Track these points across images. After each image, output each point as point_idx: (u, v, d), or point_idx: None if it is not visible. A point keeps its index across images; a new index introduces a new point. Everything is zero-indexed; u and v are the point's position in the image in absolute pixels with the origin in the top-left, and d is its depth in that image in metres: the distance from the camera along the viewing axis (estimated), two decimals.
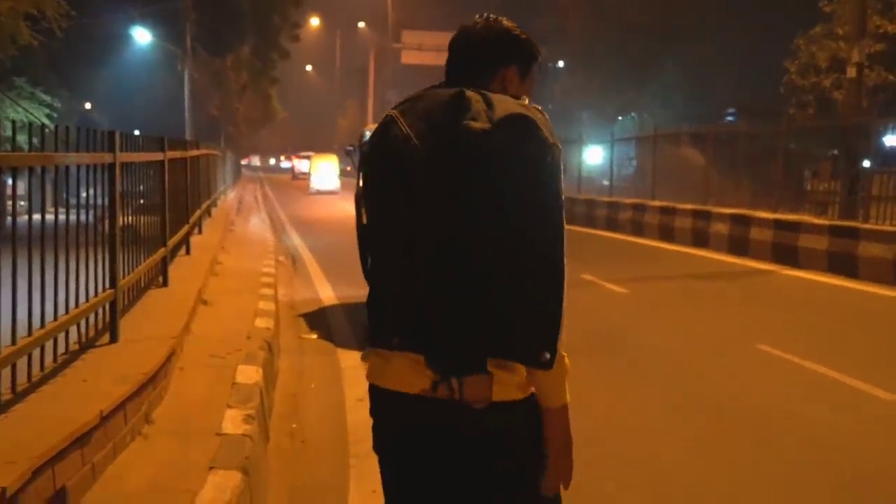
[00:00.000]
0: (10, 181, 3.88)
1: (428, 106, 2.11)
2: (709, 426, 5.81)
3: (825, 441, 5.53)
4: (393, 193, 2.08)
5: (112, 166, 5.14)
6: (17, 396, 3.90)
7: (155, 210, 7.09)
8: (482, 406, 2.02)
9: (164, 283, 7.31)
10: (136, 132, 27.58)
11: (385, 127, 2.13)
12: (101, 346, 5.13)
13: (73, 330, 4.77)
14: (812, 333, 8.83)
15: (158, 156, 7.05)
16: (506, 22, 2.35)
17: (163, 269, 7.24)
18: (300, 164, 56.10)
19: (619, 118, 40.62)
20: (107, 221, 5.24)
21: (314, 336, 8.55)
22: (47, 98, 20.74)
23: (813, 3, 24.96)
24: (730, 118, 32.70)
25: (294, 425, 5.76)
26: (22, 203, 5.00)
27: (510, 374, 2.07)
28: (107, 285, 5.16)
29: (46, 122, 19.85)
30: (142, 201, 6.69)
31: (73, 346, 4.92)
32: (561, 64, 46.94)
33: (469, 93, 2.05)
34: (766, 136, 16.65)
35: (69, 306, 4.63)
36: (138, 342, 5.25)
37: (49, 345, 4.35)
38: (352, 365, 7.28)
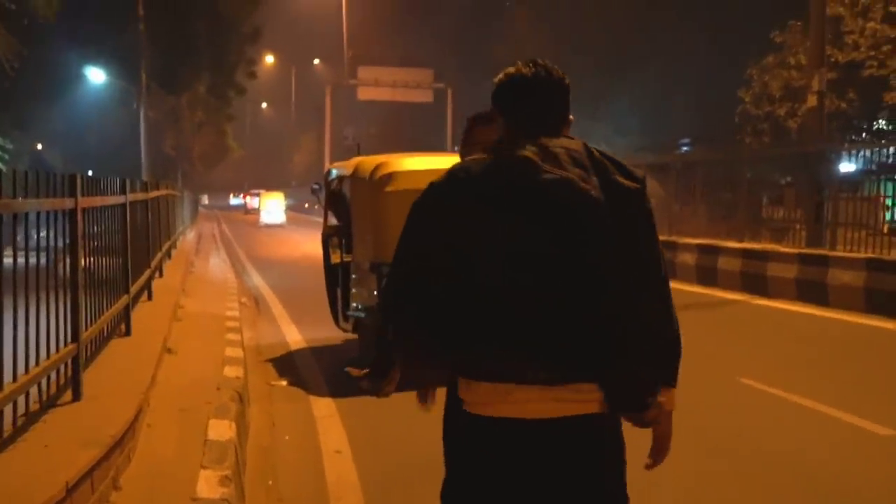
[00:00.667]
0: None
1: (561, 155, 2.35)
2: (700, 466, 5.57)
3: (823, 480, 5.33)
4: (544, 232, 2.27)
5: (73, 212, 4.82)
6: None
7: (116, 255, 6.73)
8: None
9: (128, 332, 6.94)
10: (90, 172, 26.96)
11: (523, 169, 2.31)
12: (63, 404, 4.78)
13: (33, 388, 4.42)
14: (793, 365, 8.69)
15: (120, 199, 6.71)
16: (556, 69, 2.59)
17: (125, 317, 6.87)
18: (252, 201, 60.24)
19: None
20: (68, 270, 4.90)
21: (284, 382, 8.21)
22: None
23: (764, 33, 25.34)
24: (685, 147, 32.98)
25: (270, 482, 5.43)
26: None
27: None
28: (69, 339, 4.81)
29: None
30: (99, 245, 6.34)
31: (34, 406, 4.56)
32: None
33: (592, 148, 2.42)
34: (725, 163, 16.65)
35: (29, 364, 4.29)
36: (103, 399, 4.90)
37: (8, 409, 4.00)
38: (326, 414, 6.97)
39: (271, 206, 44.02)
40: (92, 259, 5.68)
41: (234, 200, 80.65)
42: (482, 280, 2.30)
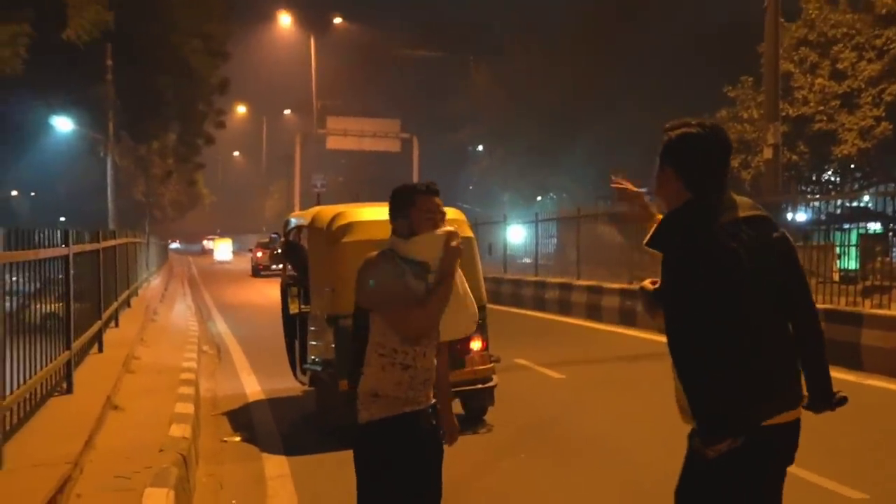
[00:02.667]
0: None
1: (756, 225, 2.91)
2: None
3: None
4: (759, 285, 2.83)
5: None
6: None
7: (56, 309, 6.19)
8: None
9: (69, 390, 6.38)
10: (62, 219, 26.29)
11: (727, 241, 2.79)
12: None
13: None
14: None
15: (61, 251, 6.19)
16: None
17: (67, 373, 6.31)
18: (208, 244, 72.78)
19: (539, 198, 40.77)
20: None
21: (237, 438, 7.65)
22: None
23: (717, 87, 25.44)
24: (647, 196, 32.89)
25: None
26: None
27: None
28: None
29: None
30: (34, 300, 5.81)
31: None
32: (480, 147, 47.22)
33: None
34: None
35: None
36: (25, 470, 4.37)
37: None
38: (278, 474, 6.44)
39: (222, 248, 60.23)
40: (23, 315, 5.15)
41: (199, 245, 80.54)
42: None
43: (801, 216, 14.23)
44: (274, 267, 41.36)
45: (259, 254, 38.22)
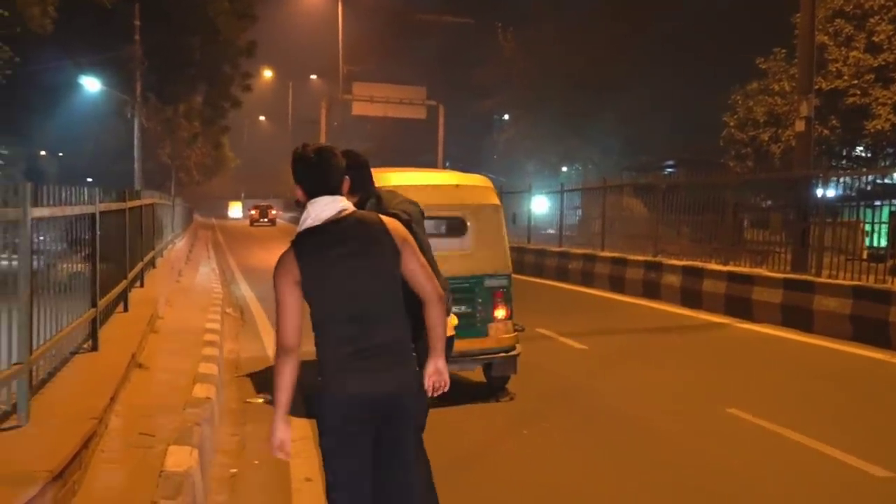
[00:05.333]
0: None
1: None
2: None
3: None
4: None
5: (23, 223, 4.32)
6: None
7: (82, 267, 6.22)
8: None
9: (94, 348, 6.41)
10: (89, 179, 26.43)
11: None
12: (7, 429, 4.28)
13: None
14: (781, 395, 8.21)
15: (88, 209, 6.20)
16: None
17: (92, 332, 6.35)
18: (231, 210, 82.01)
19: (564, 168, 40.52)
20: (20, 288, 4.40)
21: (260, 400, 7.67)
22: None
23: (748, 59, 25.04)
24: (669, 169, 32.69)
25: None
26: None
27: None
28: (14, 359, 4.30)
29: None
30: (61, 256, 5.84)
31: None
32: (506, 117, 46.89)
33: None
34: (711, 186, 16.20)
35: None
36: (51, 424, 4.39)
37: None
38: (300, 436, 6.43)
39: (234, 209, 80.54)
40: (50, 273, 5.17)
41: (232, 212, 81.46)
42: None
43: (832, 192, 14.04)
44: (263, 220, 58.56)
45: (253, 212, 60.12)
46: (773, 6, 24.57)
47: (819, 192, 13.26)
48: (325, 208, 3.23)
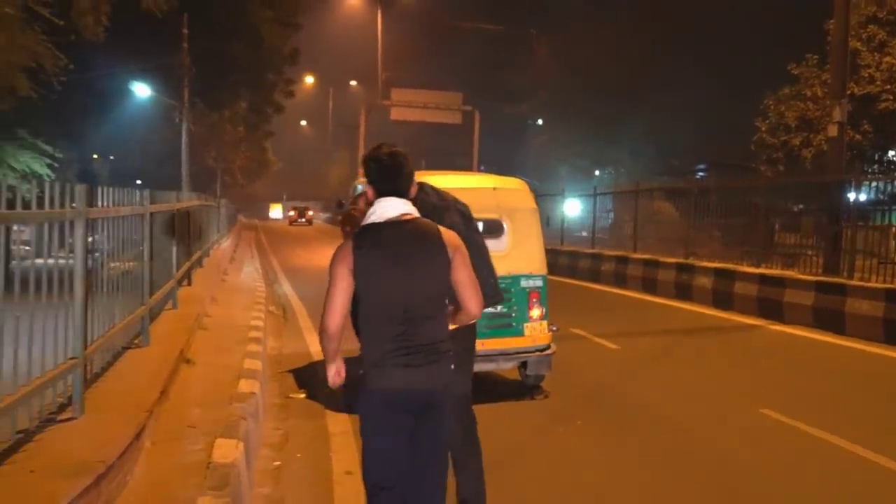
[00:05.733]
0: None
1: None
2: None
3: None
4: None
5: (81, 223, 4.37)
6: None
7: (134, 267, 6.29)
8: None
9: (145, 343, 6.49)
10: (138, 182, 26.70)
11: None
12: (63, 420, 4.33)
13: (25, 406, 3.96)
14: (814, 396, 8.08)
15: (139, 209, 6.27)
16: None
17: (143, 328, 6.43)
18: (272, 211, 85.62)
19: (597, 172, 40.28)
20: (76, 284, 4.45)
21: (301, 395, 7.72)
22: (48, 149, 19.95)
23: (780, 64, 24.70)
24: (700, 173, 32.36)
25: None
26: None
27: None
28: (70, 353, 4.36)
29: (48, 172, 19.11)
30: (114, 256, 5.91)
31: (36, 418, 4.12)
32: (540, 121, 46.73)
33: None
34: (742, 189, 15.98)
35: (30, 376, 3.86)
36: (105, 416, 4.45)
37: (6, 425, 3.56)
38: (341, 431, 6.48)
39: (275, 210, 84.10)
40: (103, 271, 5.24)
41: (273, 213, 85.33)
42: None
43: (864, 196, 13.81)
44: (301, 220, 63.40)
45: (292, 212, 65.95)
46: (805, 13, 24.22)
47: (851, 196, 13.05)
48: (389, 208, 3.34)
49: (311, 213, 64.89)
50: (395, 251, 3.27)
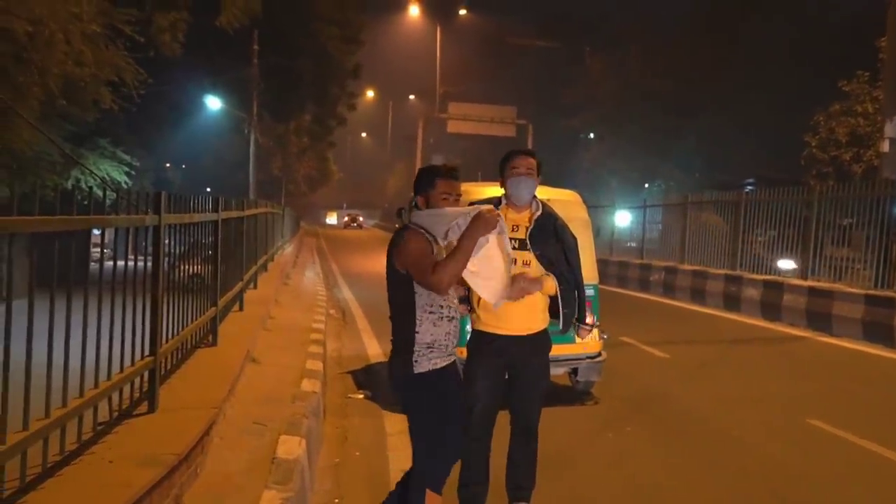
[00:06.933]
0: None
1: None
2: None
3: None
4: None
5: (157, 228, 4.46)
6: (31, 482, 3.17)
7: (206, 269, 6.40)
8: None
9: (214, 342, 6.59)
10: (208, 189, 27.16)
11: None
12: (138, 415, 4.41)
13: (105, 401, 4.06)
14: (863, 407, 7.86)
15: (212, 216, 6.38)
16: None
17: (213, 328, 6.53)
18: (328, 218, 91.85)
19: (647, 185, 39.82)
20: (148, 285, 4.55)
21: (360, 396, 7.77)
22: (127, 157, 20.45)
23: (830, 80, 24.15)
24: (749, 187, 31.73)
25: (336, 500, 4.97)
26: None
27: None
28: (146, 352, 4.45)
29: (126, 179, 19.55)
30: (188, 260, 6.02)
31: (115, 412, 4.21)
32: (591, 136, 46.36)
33: None
34: (788, 203, 15.58)
35: (109, 373, 3.94)
36: (177, 412, 4.51)
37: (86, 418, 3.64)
38: (398, 430, 6.47)
39: (330, 217, 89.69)
40: (177, 272, 5.34)
41: (329, 220, 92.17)
42: None
43: None
44: (353, 224, 74.95)
45: (346, 218, 78.02)
46: (856, 29, 23.67)
47: None
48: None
49: (361, 219, 78.67)
50: None
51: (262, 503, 3.87)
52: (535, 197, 4.59)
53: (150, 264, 4.55)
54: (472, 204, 4.03)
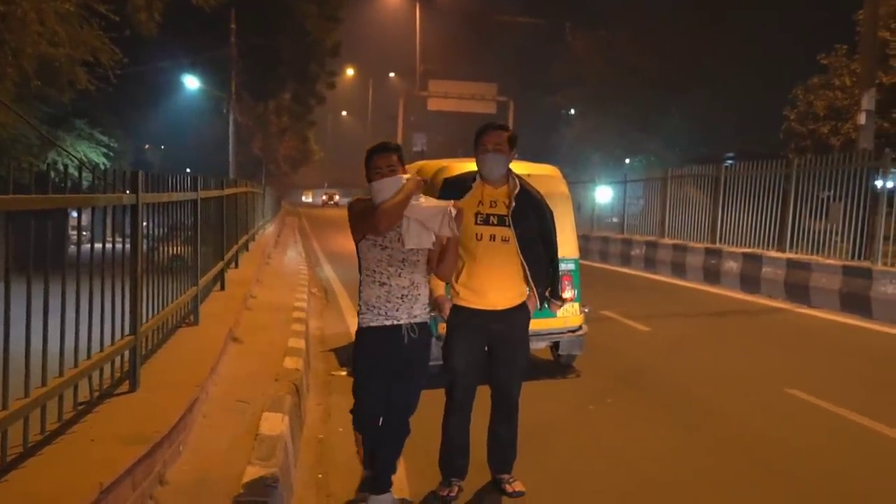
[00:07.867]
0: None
1: None
2: (752, 478, 4.99)
3: (874, 499, 4.71)
4: None
5: (135, 207, 4.44)
6: (13, 462, 3.18)
7: (186, 249, 6.38)
8: None
9: (196, 322, 6.59)
10: (188, 170, 27.03)
11: None
12: (119, 394, 4.42)
13: (85, 380, 4.05)
14: (840, 377, 7.97)
15: (190, 195, 6.35)
16: None
17: (194, 307, 6.52)
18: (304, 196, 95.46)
19: (628, 160, 39.91)
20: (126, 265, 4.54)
21: (343, 373, 7.78)
22: (104, 139, 20.25)
23: (810, 55, 24.25)
24: (729, 161, 31.85)
25: (320, 475, 5.00)
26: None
27: None
28: (126, 331, 4.45)
29: (104, 161, 19.37)
30: (166, 239, 5.99)
31: (96, 391, 4.22)
32: (572, 112, 46.35)
33: None
34: (767, 176, 15.64)
35: (88, 353, 3.94)
36: (159, 390, 4.53)
37: (66, 398, 3.64)
38: None
39: (305, 196, 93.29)
40: (157, 252, 5.32)
41: (304, 198, 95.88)
42: None
43: (891, 183, 13.50)
44: (331, 202, 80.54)
45: (324, 197, 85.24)
46: (834, 2, 23.73)
47: (879, 183, 12.78)
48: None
49: (337, 197, 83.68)
50: None
51: (245, 478, 3.89)
52: (510, 171, 4.59)
53: (129, 245, 4.54)
54: (446, 180, 4.62)
